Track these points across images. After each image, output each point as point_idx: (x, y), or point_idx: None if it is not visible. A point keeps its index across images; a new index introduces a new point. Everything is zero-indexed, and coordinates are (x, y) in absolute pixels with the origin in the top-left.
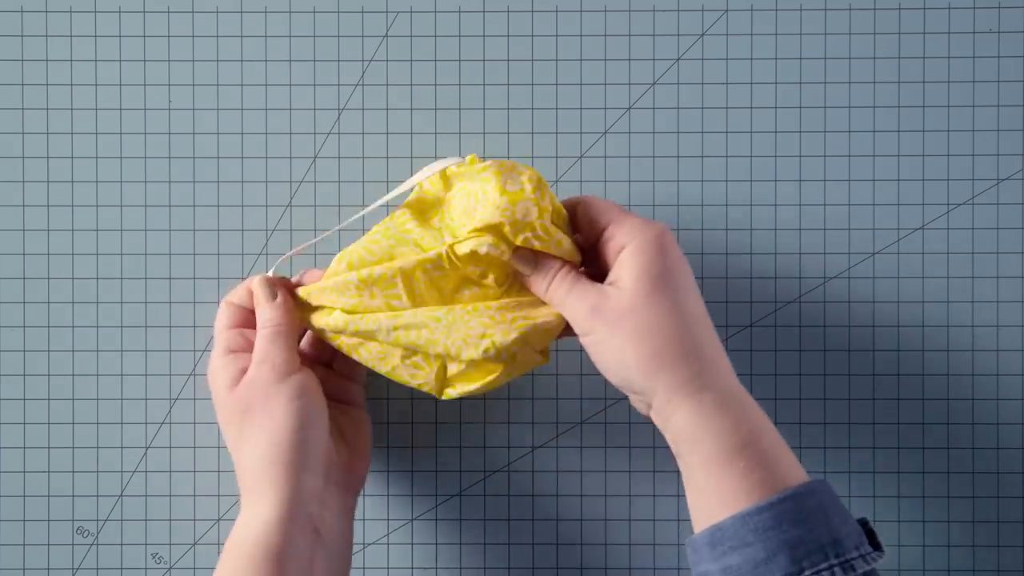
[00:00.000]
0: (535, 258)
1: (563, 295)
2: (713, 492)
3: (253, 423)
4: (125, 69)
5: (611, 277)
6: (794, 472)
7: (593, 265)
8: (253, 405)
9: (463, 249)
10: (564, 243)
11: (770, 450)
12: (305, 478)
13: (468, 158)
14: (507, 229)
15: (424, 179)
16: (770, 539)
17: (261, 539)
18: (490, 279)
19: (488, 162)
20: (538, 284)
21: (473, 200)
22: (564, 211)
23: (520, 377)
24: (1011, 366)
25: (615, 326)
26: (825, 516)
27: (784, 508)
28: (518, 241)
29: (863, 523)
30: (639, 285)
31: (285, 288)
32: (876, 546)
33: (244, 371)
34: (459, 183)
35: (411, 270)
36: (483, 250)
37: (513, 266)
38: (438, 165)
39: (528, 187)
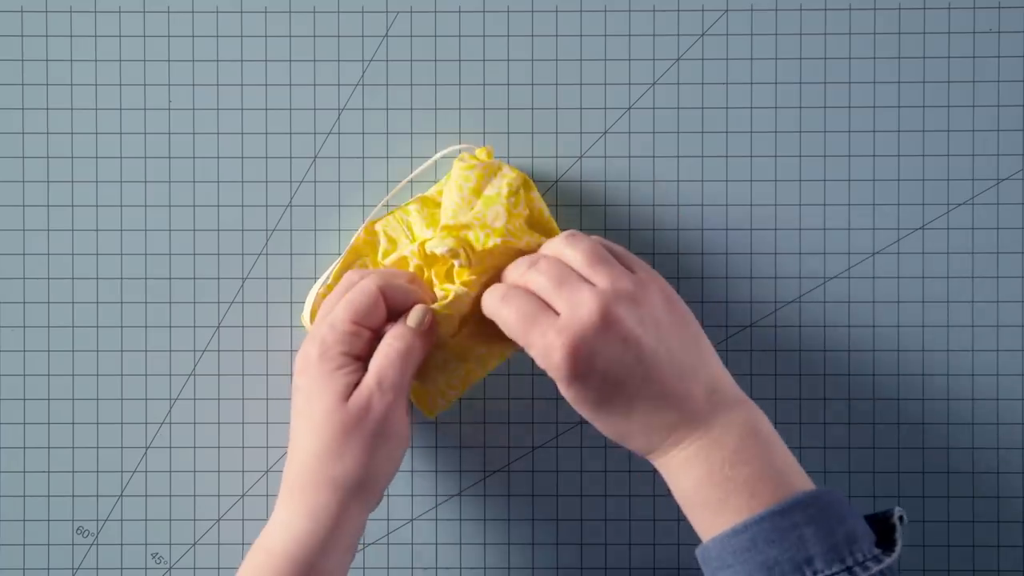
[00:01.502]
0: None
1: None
2: (716, 507)
3: (348, 442)
4: (125, 69)
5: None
6: (795, 484)
7: None
8: (359, 429)
9: (430, 247)
10: (532, 244)
11: (752, 474)
12: (361, 509)
13: (483, 149)
14: (474, 233)
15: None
16: (747, 561)
17: (295, 552)
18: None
19: (477, 163)
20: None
21: (458, 197)
22: (547, 214)
23: (520, 377)
24: (1011, 366)
25: (569, 382)
26: (801, 532)
27: (760, 529)
28: (484, 245)
29: (884, 519)
30: (576, 385)
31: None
32: (890, 544)
33: (357, 383)
34: (453, 178)
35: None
36: (440, 251)
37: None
38: (455, 149)
39: (504, 191)
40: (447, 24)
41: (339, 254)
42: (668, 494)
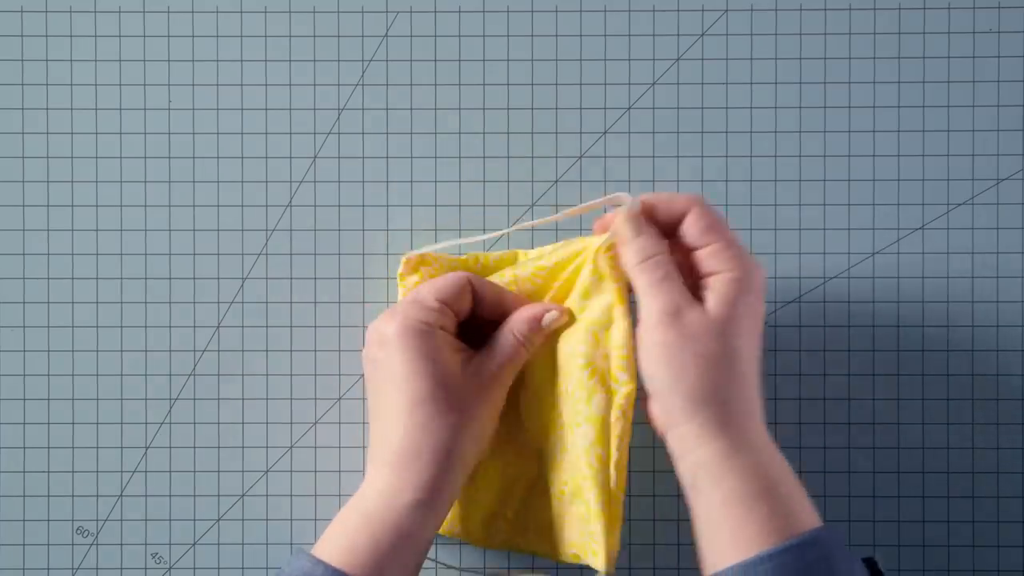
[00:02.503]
0: (642, 227)
1: (649, 281)
2: (729, 534)
3: (461, 414)
4: (125, 69)
5: (701, 293)
6: (805, 521)
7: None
8: (476, 398)
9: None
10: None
11: (787, 498)
12: (459, 478)
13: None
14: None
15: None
16: None
17: (399, 522)
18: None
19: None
20: (633, 253)
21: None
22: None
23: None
24: (1011, 366)
25: (689, 340)
26: (827, 564)
27: (782, 560)
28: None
29: (871, 563)
30: (723, 316)
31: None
32: None
33: (460, 357)
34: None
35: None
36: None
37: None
38: (609, 200)
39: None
40: (447, 24)
41: (338, 254)
42: (668, 494)
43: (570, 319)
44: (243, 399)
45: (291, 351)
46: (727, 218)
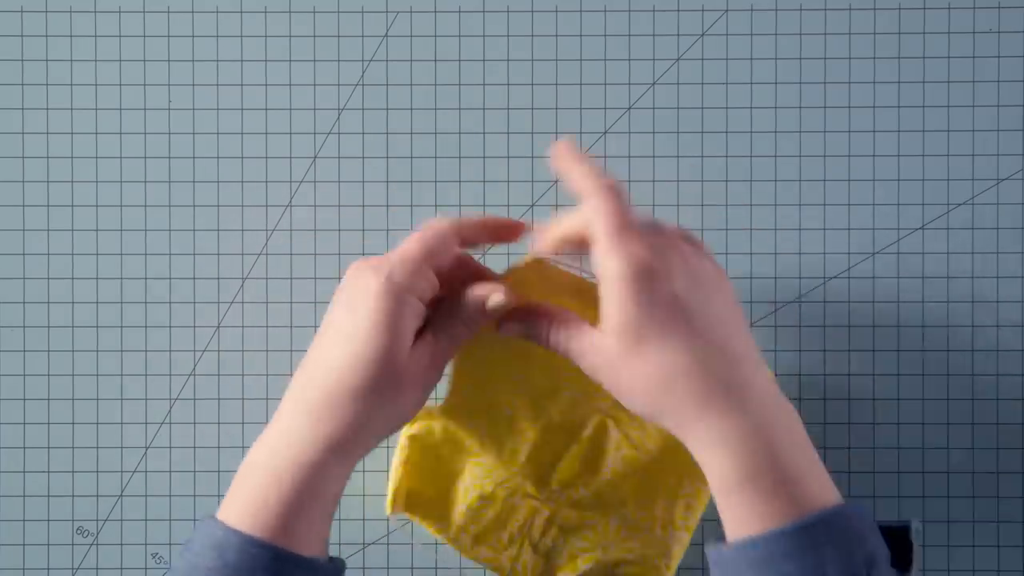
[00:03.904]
0: (524, 318)
1: (564, 346)
2: (727, 515)
3: (397, 387)
4: (125, 69)
5: (602, 321)
6: (814, 500)
7: None
8: (409, 377)
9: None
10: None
11: (786, 480)
12: (370, 445)
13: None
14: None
15: None
16: (762, 573)
17: (313, 457)
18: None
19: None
20: (539, 339)
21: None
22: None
23: None
24: (1011, 366)
25: (610, 378)
26: (820, 552)
27: (776, 545)
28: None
29: (903, 534)
30: (619, 340)
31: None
32: (906, 564)
33: (415, 329)
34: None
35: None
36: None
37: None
38: None
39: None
40: (447, 24)
41: (338, 254)
42: None
43: (515, 300)
44: (243, 399)
45: (291, 351)
46: (726, 217)
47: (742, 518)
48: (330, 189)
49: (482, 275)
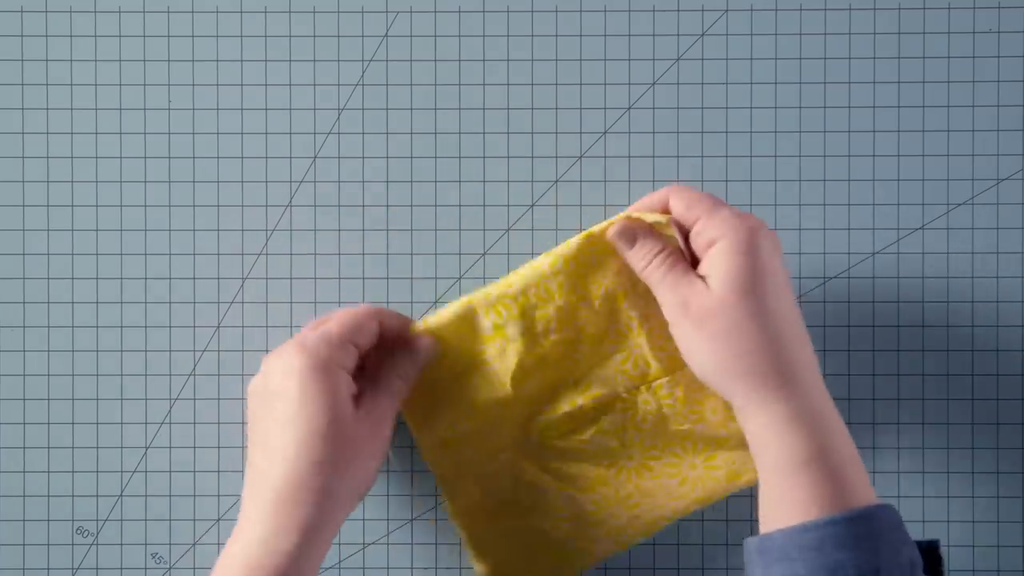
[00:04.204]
0: (635, 235)
1: (658, 280)
2: (777, 500)
3: (354, 451)
4: (125, 69)
5: (702, 271)
6: (859, 494)
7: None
8: (368, 437)
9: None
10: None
11: (837, 469)
12: (345, 516)
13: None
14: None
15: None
16: (811, 560)
17: (284, 566)
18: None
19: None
20: (636, 262)
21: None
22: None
23: None
24: (1011, 366)
25: (699, 326)
26: (874, 544)
27: (830, 531)
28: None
29: (932, 548)
30: (725, 288)
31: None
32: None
33: (354, 394)
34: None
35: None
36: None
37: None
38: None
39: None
40: (447, 24)
41: (339, 254)
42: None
43: (439, 348)
44: (243, 399)
45: None
46: None
47: (799, 500)
48: (330, 189)
49: (405, 327)
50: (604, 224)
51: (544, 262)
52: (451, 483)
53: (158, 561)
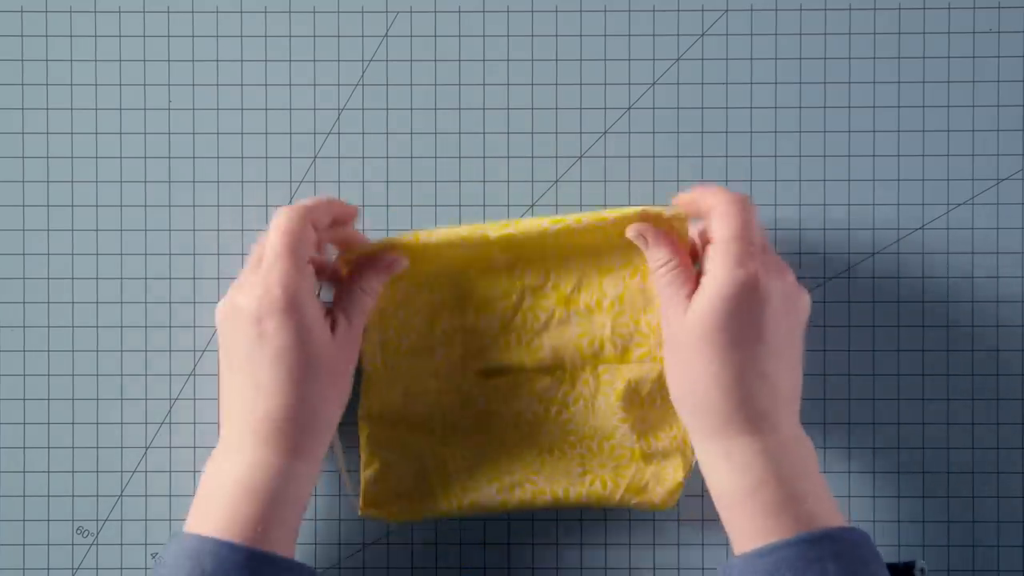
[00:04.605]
0: (648, 239)
1: (660, 288)
2: (736, 528)
3: (337, 377)
4: (125, 69)
5: (691, 302)
6: (822, 518)
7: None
8: (346, 364)
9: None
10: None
11: (796, 495)
12: (330, 439)
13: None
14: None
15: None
16: None
17: (276, 487)
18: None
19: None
20: (649, 263)
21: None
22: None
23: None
24: (1011, 366)
25: (674, 350)
26: (824, 567)
27: (783, 555)
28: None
29: (908, 569)
30: (696, 325)
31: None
32: None
33: (330, 321)
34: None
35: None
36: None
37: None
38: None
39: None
40: (447, 24)
41: (338, 254)
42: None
43: (406, 264)
44: None
45: None
46: None
47: (746, 530)
48: (330, 189)
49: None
50: (619, 212)
51: (547, 221)
52: (376, 384)
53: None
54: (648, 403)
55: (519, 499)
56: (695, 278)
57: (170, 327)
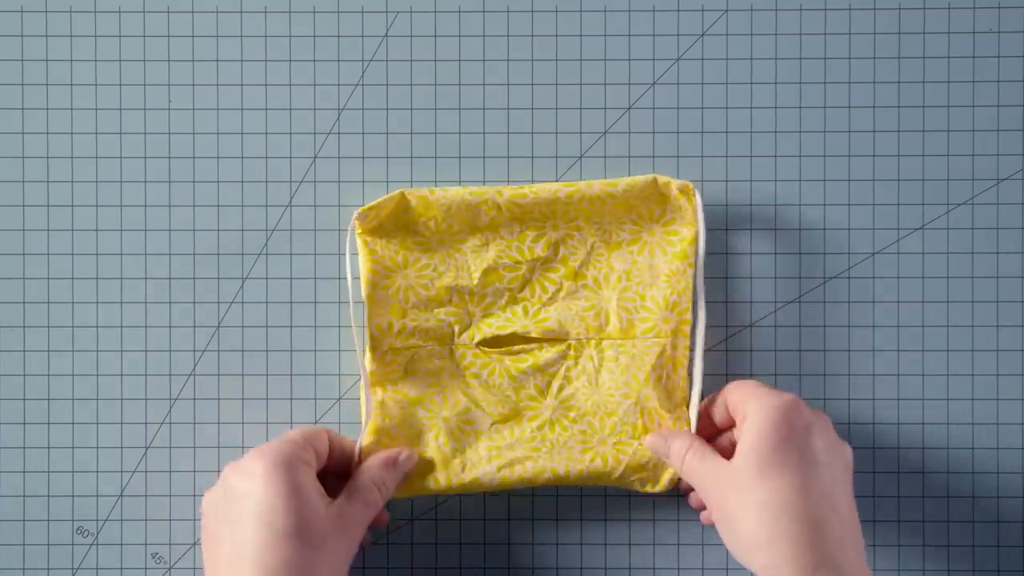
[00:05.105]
0: (666, 438)
1: (693, 469)
2: None
3: (322, 553)
4: (125, 69)
5: (736, 451)
6: None
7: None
8: (337, 541)
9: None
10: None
11: None
12: None
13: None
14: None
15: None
16: None
17: None
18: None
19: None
20: (675, 460)
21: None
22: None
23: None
24: (1011, 366)
25: (725, 503)
26: None
27: None
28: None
29: None
30: (748, 462)
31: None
32: None
33: (328, 499)
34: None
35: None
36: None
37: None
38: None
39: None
40: (447, 24)
41: (339, 254)
42: (668, 495)
43: (416, 458)
44: (243, 399)
45: (291, 351)
46: (726, 218)
47: None
48: (330, 189)
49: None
50: (629, 180)
51: (559, 184)
52: (379, 359)
53: (158, 561)
54: (652, 380)
55: (519, 476)
56: (716, 443)
57: (170, 327)
